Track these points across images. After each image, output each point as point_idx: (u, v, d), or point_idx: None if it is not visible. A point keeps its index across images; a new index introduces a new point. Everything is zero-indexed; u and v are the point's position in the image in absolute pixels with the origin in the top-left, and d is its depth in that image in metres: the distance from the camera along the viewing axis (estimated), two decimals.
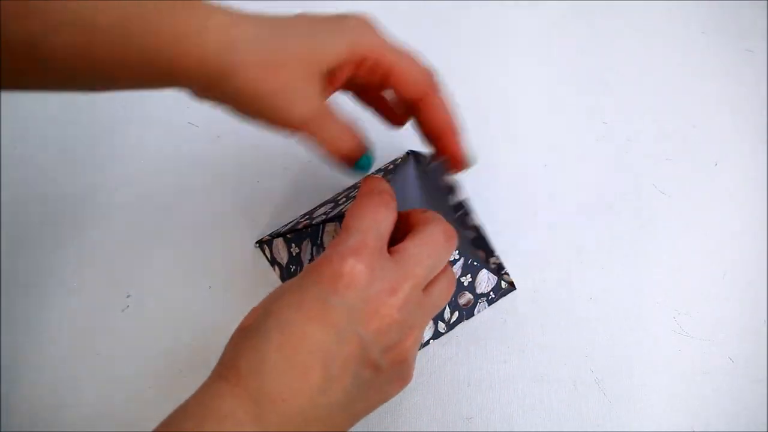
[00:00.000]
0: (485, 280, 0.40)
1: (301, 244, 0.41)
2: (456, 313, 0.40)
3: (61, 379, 0.39)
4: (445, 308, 0.40)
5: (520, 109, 0.47)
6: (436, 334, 0.40)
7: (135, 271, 0.42)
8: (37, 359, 0.40)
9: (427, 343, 0.40)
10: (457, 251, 0.38)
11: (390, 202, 0.28)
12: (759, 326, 0.41)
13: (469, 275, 0.40)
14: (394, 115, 0.34)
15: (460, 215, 0.39)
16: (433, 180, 0.36)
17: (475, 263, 0.39)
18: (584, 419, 0.38)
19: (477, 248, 0.41)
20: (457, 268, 0.39)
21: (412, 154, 0.39)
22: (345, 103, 0.31)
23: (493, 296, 0.41)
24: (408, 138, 0.36)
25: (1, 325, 0.40)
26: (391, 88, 0.29)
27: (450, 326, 0.40)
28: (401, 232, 0.29)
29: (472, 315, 0.41)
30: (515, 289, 0.42)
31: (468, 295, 0.40)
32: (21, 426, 0.38)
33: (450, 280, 0.29)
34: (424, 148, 0.32)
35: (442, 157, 0.31)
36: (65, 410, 0.38)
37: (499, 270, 0.42)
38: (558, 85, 0.48)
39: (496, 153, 0.46)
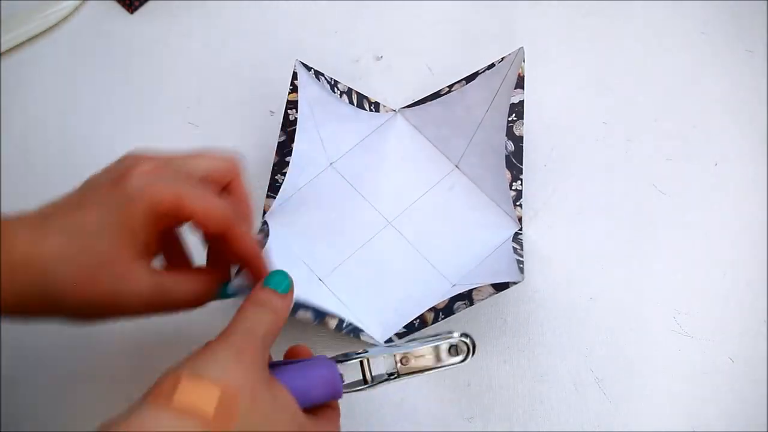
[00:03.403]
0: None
1: None
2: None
3: (61, 379, 0.39)
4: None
5: None
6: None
7: None
8: (37, 359, 0.40)
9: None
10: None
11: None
12: (759, 326, 0.41)
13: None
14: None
15: (511, 120, 0.40)
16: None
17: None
18: (584, 419, 0.38)
19: (507, 166, 0.41)
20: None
21: None
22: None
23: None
24: None
25: (1, 325, 0.40)
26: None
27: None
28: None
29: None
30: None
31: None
32: (21, 426, 0.38)
33: None
34: None
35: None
36: (65, 410, 0.38)
37: (517, 198, 0.42)
38: (557, 85, 0.48)
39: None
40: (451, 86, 0.42)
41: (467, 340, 0.30)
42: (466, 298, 0.36)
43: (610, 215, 0.44)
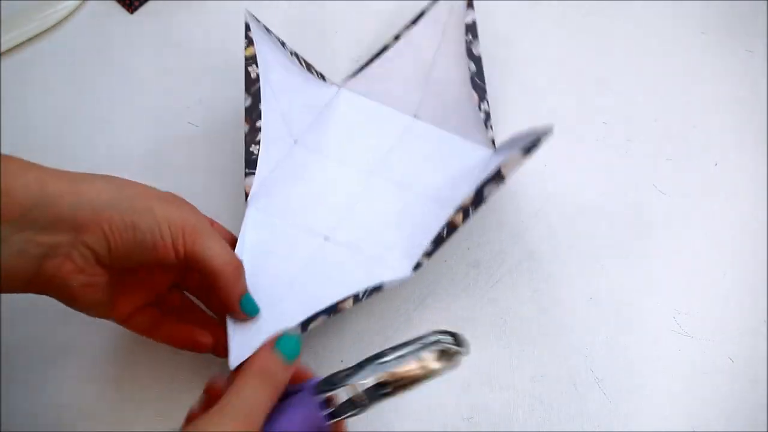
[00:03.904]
0: None
1: None
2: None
3: (61, 379, 0.39)
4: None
5: (520, 109, 0.47)
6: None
7: None
8: (37, 359, 0.40)
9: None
10: None
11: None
12: (759, 326, 0.41)
13: None
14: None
15: (469, 40, 0.40)
16: None
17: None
18: (584, 419, 0.38)
19: (473, 87, 0.41)
20: None
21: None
22: None
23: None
24: None
25: (0, 325, 0.40)
26: None
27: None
28: None
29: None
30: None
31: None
32: (21, 426, 0.38)
33: None
34: None
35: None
36: (65, 410, 0.38)
37: (487, 119, 0.41)
38: (558, 84, 0.48)
39: None
40: (397, 35, 0.42)
41: (455, 343, 0.28)
42: (496, 177, 0.33)
43: (610, 215, 0.44)
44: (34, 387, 0.39)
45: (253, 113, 0.38)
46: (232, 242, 0.37)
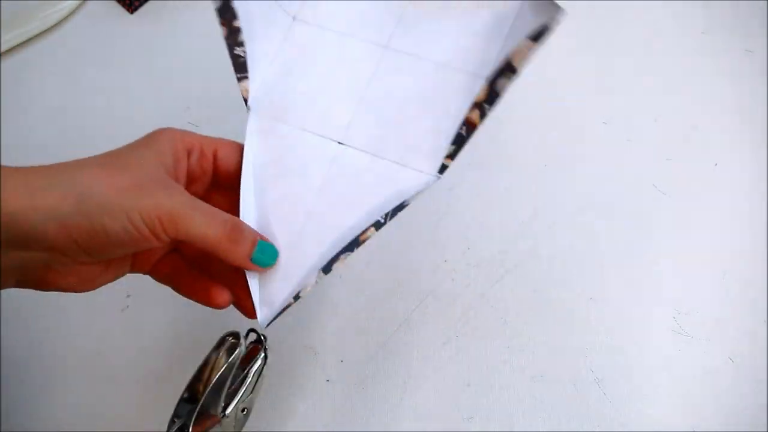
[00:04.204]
0: None
1: None
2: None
3: (61, 379, 0.39)
4: None
5: (520, 109, 0.47)
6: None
7: None
8: (37, 359, 0.40)
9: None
10: None
11: None
12: (759, 326, 0.41)
13: None
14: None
15: None
16: None
17: None
18: (584, 419, 0.38)
19: None
20: None
21: None
22: None
23: None
24: None
25: (1, 325, 0.40)
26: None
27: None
28: None
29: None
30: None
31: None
32: (21, 426, 0.38)
33: None
34: None
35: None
36: (65, 410, 0.38)
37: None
38: (558, 84, 0.48)
39: (496, 153, 0.46)
40: None
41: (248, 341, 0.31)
42: (506, 69, 0.29)
43: (611, 215, 0.44)
44: (33, 387, 0.39)
45: (226, 13, 0.33)
46: (241, 151, 0.35)
